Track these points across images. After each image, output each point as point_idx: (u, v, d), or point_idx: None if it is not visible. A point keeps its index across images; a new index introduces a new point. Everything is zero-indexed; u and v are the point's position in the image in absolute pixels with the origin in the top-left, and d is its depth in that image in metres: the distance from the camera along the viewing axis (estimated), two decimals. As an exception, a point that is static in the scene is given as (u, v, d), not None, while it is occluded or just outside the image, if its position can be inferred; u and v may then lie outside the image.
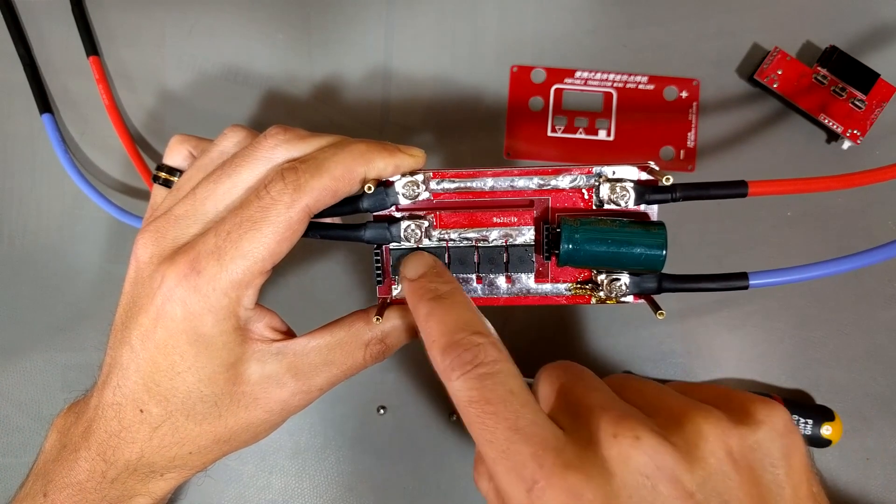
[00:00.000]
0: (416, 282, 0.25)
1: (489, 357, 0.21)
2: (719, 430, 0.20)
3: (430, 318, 0.23)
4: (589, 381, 0.23)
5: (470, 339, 0.22)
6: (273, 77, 0.41)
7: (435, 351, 0.22)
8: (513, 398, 0.20)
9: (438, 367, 0.22)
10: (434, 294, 0.24)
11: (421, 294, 0.24)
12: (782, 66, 0.38)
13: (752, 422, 0.20)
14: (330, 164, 0.24)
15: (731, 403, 0.21)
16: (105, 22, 0.41)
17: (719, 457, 0.19)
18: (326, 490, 0.40)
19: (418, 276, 0.25)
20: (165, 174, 0.30)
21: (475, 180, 0.26)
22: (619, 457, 0.19)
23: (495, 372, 0.21)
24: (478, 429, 0.20)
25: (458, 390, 0.21)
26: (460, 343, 0.22)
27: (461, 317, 0.23)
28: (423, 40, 0.41)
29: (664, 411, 0.21)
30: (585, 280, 0.27)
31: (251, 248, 0.23)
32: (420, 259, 0.26)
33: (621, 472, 0.19)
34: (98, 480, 0.25)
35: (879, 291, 0.39)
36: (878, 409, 0.39)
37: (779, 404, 0.21)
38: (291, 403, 0.26)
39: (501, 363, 0.21)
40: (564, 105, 0.40)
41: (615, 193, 0.25)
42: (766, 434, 0.20)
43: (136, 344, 0.25)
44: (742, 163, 0.40)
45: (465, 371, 0.21)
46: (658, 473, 0.18)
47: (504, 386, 0.21)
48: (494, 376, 0.21)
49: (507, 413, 0.20)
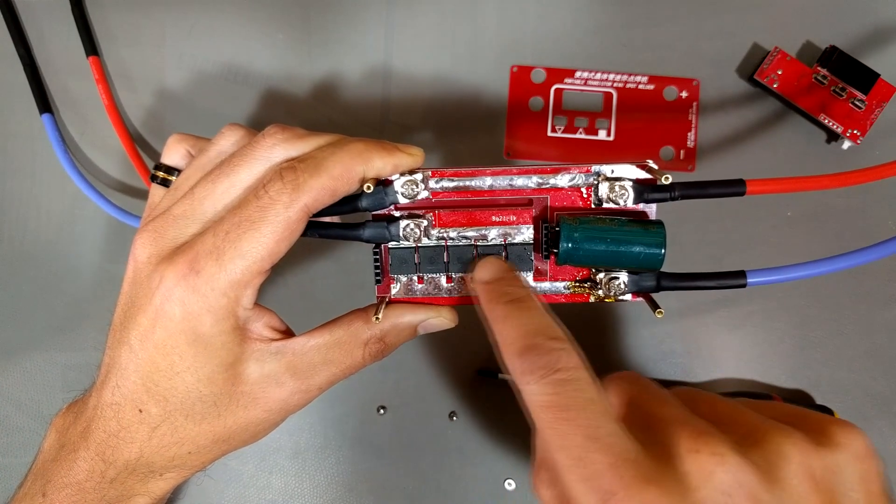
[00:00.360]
0: (490, 284, 0.25)
1: (569, 363, 0.21)
2: (801, 451, 0.19)
3: (507, 321, 0.23)
4: (658, 393, 0.22)
5: (548, 344, 0.21)
6: (273, 76, 0.41)
7: (511, 353, 0.22)
8: (592, 406, 0.20)
9: (514, 369, 0.21)
10: (511, 297, 0.23)
11: (497, 296, 0.24)
12: (782, 66, 0.38)
13: (832, 444, 0.20)
14: (328, 163, 0.24)
15: (807, 423, 0.21)
16: (105, 22, 0.41)
17: (800, 478, 0.19)
18: (326, 490, 0.40)
19: (493, 280, 0.25)
20: (163, 173, 0.30)
21: (474, 179, 0.26)
22: (700, 473, 0.18)
23: (574, 378, 0.20)
24: (551, 434, 0.20)
25: (534, 394, 0.21)
26: (539, 347, 0.21)
27: (540, 321, 0.22)
28: (423, 40, 0.41)
29: (741, 428, 0.20)
30: (584, 278, 0.27)
31: (250, 248, 0.23)
32: (495, 262, 0.26)
33: (701, 488, 0.18)
34: (97, 480, 0.25)
35: (879, 291, 0.39)
36: (878, 409, 0.39)
37: (857, 428, 0.21)
38: (291, 403, 0.26)
39: (580, 370, 0.21)
40: (564, 105, 0.40)
41: (614, 192, 0.25)
42: (846, 457, 0.20)
43: (135, 344, 0.25)
44: (742, 163, 0.40)
45: (542, 375, 0.20)
46: (739, 492, 0.18)
47: (583, 393, 0.20)
48: (573, 382, 0.20)
49: (584, 421, 0.20)
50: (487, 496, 0.39)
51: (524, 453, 0.39)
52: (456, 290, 0.27)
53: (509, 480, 0.39)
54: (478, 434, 0.40)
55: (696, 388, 0.39)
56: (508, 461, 0.39)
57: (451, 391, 0.40)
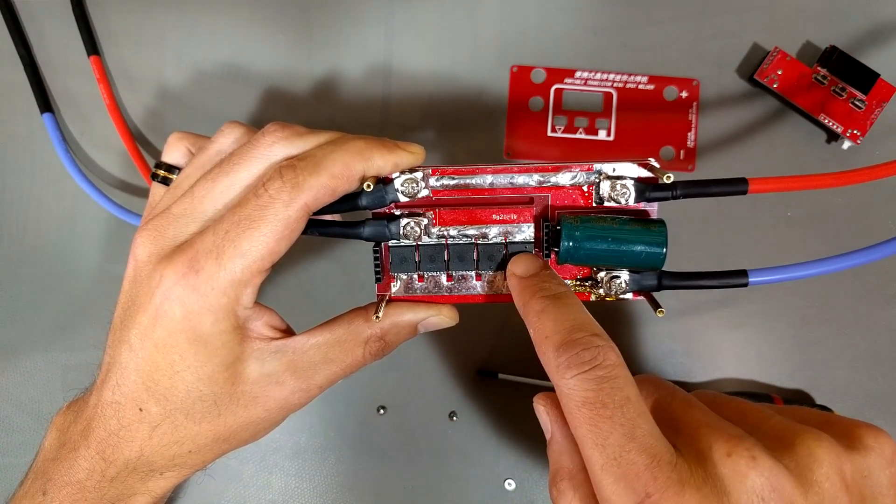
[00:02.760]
0: (527, 279, 0.24)
1: (609, 360, 0.20)
2: (833, 454, 0.19)
3: (545, 315, 0.22)
4: (685, 396, 0.22)
5: (589, 340, 0.21)
6: (273, 76, 0.41)
7: (548, 347, 0.21)
8: (630, 406, 0.20)
9: (551, 363, 0.21)
10: (549, 292, 0.23)
11: (534, 291, 0.24)
12: (782, 66, 0.38)
13: (862, 447, 0.20)
14: (328, 161, 0.24)
15: (835, 427, 0.21)
16: (106, 21, 0.41)
17: (833, 481, 0.19)
18: (326, 490, 0.40)
19: (530, 275, 0.25)
20: (164, 172, 0.30)
21: (475, 177, 0.26)
22: (735, 476, 0.19)
23: (614, 376, 0.20)
24: (588, 431, 0.20)
25: (572, 389, 0.20)
26: (579, 342, 0.21)
27: (579, 317, 0.22)
28: (423, 40, 0.41)
29: (771, 432, 0.20)
30: (585, 277, 0.27)
31: (250, 247, 0.23)
32: (531, 258, 0.25)
33: (736, 491, 0.18)
34: (97, 479, 0.25)
35: (879, 291, 0.39)
36: (878, 409, 0.39)
37: (886, 432, 0.21)
38: (291, 402, 0.26)
39: (620, 368, 0.21)
40: (564, 105, 0.40)
41: (615, 191, 0.25)
42: (877, 461, 0.20)
43: (135, 343, 0.24)
44: (742, 163, 0.40)
45: (582, 371, 0.20)
46: (774, 495, 0.18)
47: (622, 392, 0.20)
48: (613, 380, 0.20)
49: (623, 419, 0.19)
50: (487, 496, 0.39)
51: (524, 453, 0.39)
52: (457, 288, 0.27)
53: (509, 480, 0.39)
54: (478, 434, 0.39)
55: (708, 388, 0.39)
56: (508, 461, 0.39)
57: (451, 391, 0.40)
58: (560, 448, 0.23)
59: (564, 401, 0.21)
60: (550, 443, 0.24)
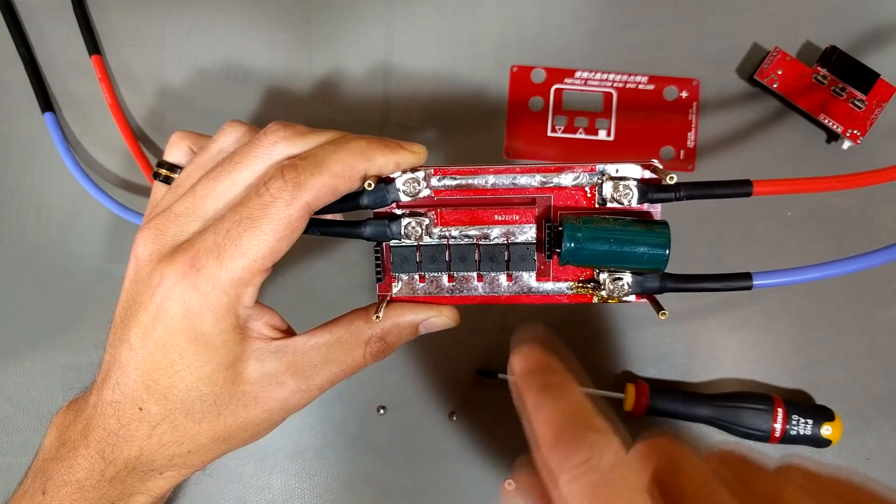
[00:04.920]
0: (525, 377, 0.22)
1: (604, 461, 0.18)
2: None
3: (538, 410, 0.21)
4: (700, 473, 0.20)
5: (583, 436, 0.19)
6: (274, 75, 0.41)
7: (541, 446, 0.20)
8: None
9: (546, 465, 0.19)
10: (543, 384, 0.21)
11: (528, 387, 0.22)
12: (782, 66, 0.38)
13: None
14: (330, 161, 0.24)
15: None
16: (106, 21, 0.41)
17: None
18: (326, 490, 0.40)
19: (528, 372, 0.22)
20: (166, 171, 0.30)
21: (477, 177, 0.26)
22: None
23: (611, 479, 0.18)
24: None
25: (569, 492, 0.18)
26: (572, 439, 0.19)
27: (573, 408, 0.20)
28: (423, 40, 0.41)
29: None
30: (587, 279, 0.27)
31: (251, 246, 0.23)
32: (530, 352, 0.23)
33: None
34: (97, 479, 0.25)
35: (879, 291, 0.39)
36: (878, 409, 0.39)
37: None
38: (291, 402, 0.26)
39: (617, 469, 0.18)
40: (564, 105, 0.40)
41: (618, 192, 0.25)
42: None
43: (136, 342, 0.24)
44: (742, 163, 0.40)
45: (574, 476, 0.18)
46: None
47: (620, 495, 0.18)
48: (611, 484, 0.18)
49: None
50: (487, 496, 0.39)
51: (524, 453, 0.39)
52: (458, 289, 0.27)
53: (509, 481, 0.39)
54: (478, 434, 0.39)
55: (708, 388, 0.39)
56: (508, 461, 0.39)
57: (451, 391, 0.40)
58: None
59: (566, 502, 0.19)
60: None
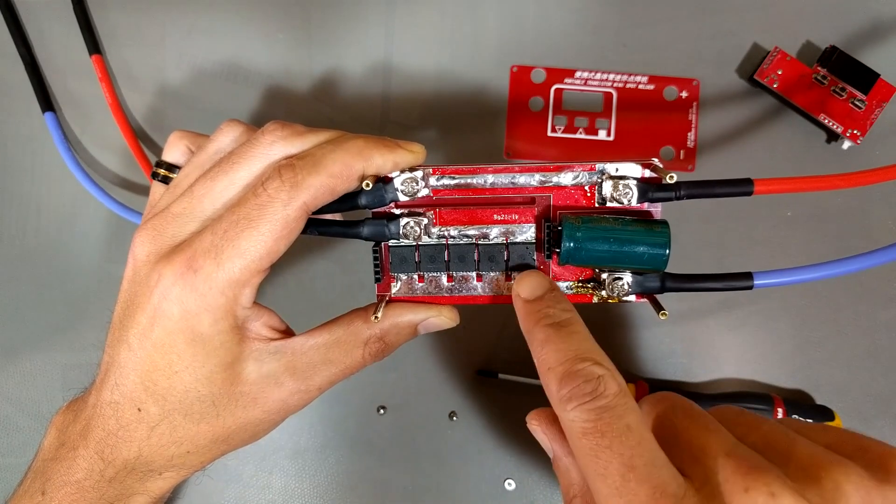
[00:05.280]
0: (532, 304, 0.24)
1: (609, 389, 0.20)
2: (862, 490, 0.18)
3: (548, 345, 0.22)
4: (701, 417, 0.21)
5: (590, 370, 0.21)
6: (273, 75, 0.41)
7: (551, 379, 0.21)
8: (630, 434, 0.19)
9: (553, 395, 0.21)
10: (552, 320, 0.23)
11: (538, 318, 0.23)
12: (782, 66, 0.38)
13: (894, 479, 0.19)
14: (328, 160, 0.24)
15: (866, 455, 0.19)
16: (106, 21, 0.41)
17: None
18: (326, 490, 0.40)
19: (535, 298, 0.24)
20: (164, 171, 0.30)
21: (475, 177, 0.26)
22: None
23: (613, 406, 0.20)
24: (589, 461, 0.20)
25: (573, 421, 0.20)
26: (580, 373, 0.21)
27: (582, 346, 0.22)
28: (423, 40, 0.41)
29: (795, 461, 0.19)
30: (587, 279, 0.27)
31: (248, 247, 0.23)
32: (537, 277, 0.25)
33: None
34: (96, 479, 0.25)
35: (879, 291, 0.39)
36: (878, 409, 0.39)
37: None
38: (290, 403, 0.26)
39: (620, 397, 0.20)
40: (564, 105, 0.40)
41: (618, 191, 0.25)
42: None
43: (134, 343, 0.24)
44: (742, 163, 0.40)
45: (582, 402, 0.20)
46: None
47: (621, 420, 0.20)
48: (612, 409, 0.20)
49: (621, 448, 0.19)
50: (487, 496, 0.39)
51: (524, 453, 0.39)
52: (457, 289, 0.27)
53: (509, 480, 0.39)
54: (478, 434, 0.39)
55: (707, 389, 0.39)
56: (508, 461, 0.39)
57: (451, 391, 0.40)
58: (566, 464, 0.23)
59: (568, 433, 0.21)
60: (555, 460, 0.23)
